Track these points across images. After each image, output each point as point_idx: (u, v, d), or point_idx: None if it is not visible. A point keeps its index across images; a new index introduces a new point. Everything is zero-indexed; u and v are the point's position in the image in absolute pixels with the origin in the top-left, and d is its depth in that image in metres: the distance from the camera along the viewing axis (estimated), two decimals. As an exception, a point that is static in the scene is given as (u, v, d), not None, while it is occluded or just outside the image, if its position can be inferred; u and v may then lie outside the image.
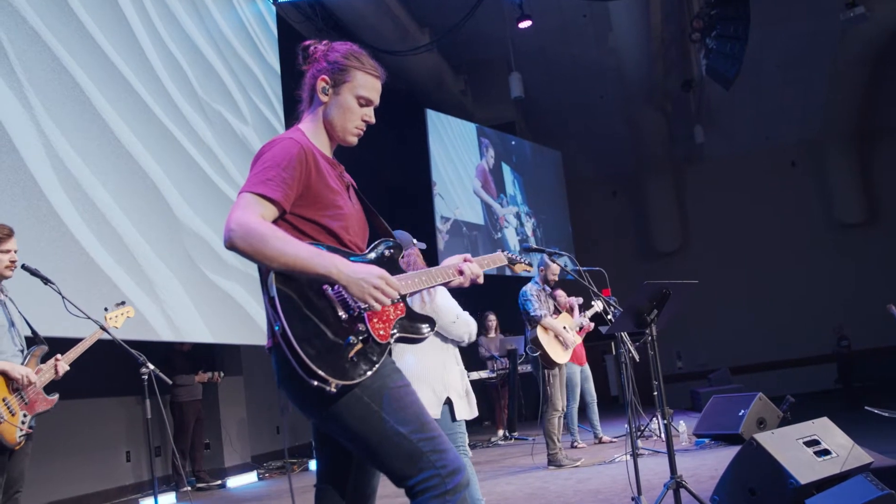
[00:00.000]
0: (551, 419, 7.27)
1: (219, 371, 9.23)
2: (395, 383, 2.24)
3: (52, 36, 6.58)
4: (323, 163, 2.33)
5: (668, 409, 4.79)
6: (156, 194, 7.61)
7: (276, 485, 8.69)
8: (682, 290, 4.29)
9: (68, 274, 6.07)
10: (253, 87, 9.74)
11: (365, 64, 2.41)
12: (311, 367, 2.03)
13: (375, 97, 2.43)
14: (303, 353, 2.03)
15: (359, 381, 2.13)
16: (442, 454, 2.17)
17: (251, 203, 2.15)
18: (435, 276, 2.50)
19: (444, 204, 13.85)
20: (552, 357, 7.27)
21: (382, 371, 2.21)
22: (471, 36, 13.73)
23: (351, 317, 2.17)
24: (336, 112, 2.39)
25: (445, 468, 2.15)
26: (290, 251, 2.10)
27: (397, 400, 2.20)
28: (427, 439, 2.17)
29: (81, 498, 7.68)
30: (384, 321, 2.26)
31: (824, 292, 18.64)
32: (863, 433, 4.94)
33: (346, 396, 2.15)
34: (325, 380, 2.04)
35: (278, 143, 2.27)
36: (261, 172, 2.20)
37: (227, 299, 8.39)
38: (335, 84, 2.38)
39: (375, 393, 2.18)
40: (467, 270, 2.56)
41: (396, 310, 2.31)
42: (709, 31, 12.42)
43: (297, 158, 2.22)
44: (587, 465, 7.12)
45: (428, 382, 3.92)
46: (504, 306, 10.56)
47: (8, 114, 5.96)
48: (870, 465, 4.06)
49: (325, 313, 2.14)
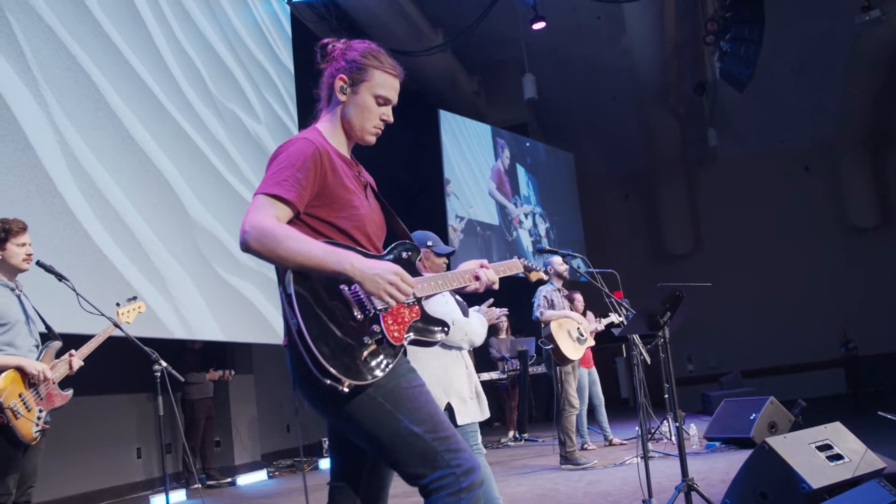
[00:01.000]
0: (569, 416, 7.23)
1: (230, 369, 9.27)
2: (410, 383, 2.24)
3: (68, 34, 6.62)
4: (339, 163, 2.33)
5: (679, 412, 4.79)
6: (169, 192, 7.64)
7: (285, 483, 8.71)
8: (695, 292, 4.27)
9: (82, 271, 6.10)
10: (266, 86, 9.76)
11: (384, 63, 2.40)
12: (324, 365, 2.03)
13: (394, 96, 2.42)
14: (317, 351, 2.03)
15: (371, 381, 2.13)
16: (456, 453, 2.17)
17: (265, 204, 2.15)
18: (451, 280, 2.51)
19: (459, 203, 13.85)
20: (564, 352, 7.25)
21: (397, 371, 2.21)
22: (484, 37, 13.73)
23: (366, 317, 2.17)
24: (354, 111, 2.38)
25: (460, 467, 2.15)
26: (304, 250, 2.10)
27: (411, 400, 2.20)
28: (441, 438, 2.17)
29: (92, 494, 7.71)
30: (399, 323, 2.26)
31: (836, 296, 18.55)
32: (876, 438, 4.91)
33: (360, 396, 2.15)
34: (339, 379, 2.05)
35: (293, 143, 2.27)
36: (275, 174, 2.20)
37: (239, 298, 8.41)
38: (353, 83, 2.37)
39: (389, 393, 2.18)
40: (483, 276, 2.57)
41: (412, 312, 2.31)
42: (723, 34, 12.40)
43: (311, 159, 2.22)
44: (598, 466, 7.11)
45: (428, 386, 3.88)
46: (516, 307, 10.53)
47: (24, 111, 6.00)
48: (882, 470, 4.04)
49: (341, 313, 2.15)
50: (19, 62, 6.03)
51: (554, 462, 7.56)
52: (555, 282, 7.53)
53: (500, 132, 15.78)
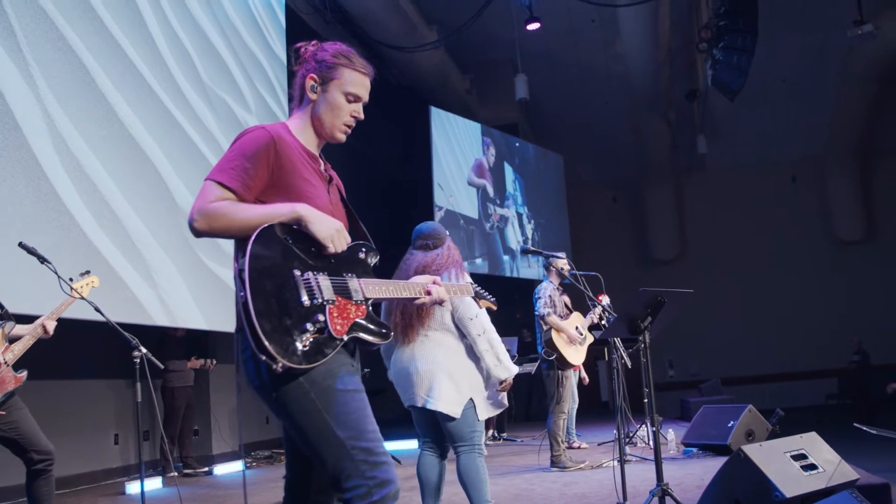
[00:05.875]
0: (557, 420, 7.22)
1: (211, 358, 9.24)
2: (346, 386, 2.25)
3: (60, 15, 6.58)
4: (300, 155, 2.38)
5: (657, 417, 4.81)
6: (157, 179, 7.61)
7: (262, 474, 8.69)
8: (677, 298, 4.29)
9: (66, 254, 6.08)
10: (258, 75, 9.74)
11: (354, 62, 2.45)
12: (263, 341, 2.05)
13: (364, 94, 2.48)
14: (259, 327, 2.05)
15: (306, 367, 2.14)
16: (374, 466, 2.18)
17: (209, 189, 2.23)
18: (403, 290, 2.56)
19: (443, 194, 13.85)
20: (567, 359, 7.23)
21: (333, 368, 2.23)
22: (478, 35, 13.73)
23: (313, 305, 2.19)
24: (325, 109, 2.44)
25: (374, 479, 2.17)
26: (256, 212, 2.21)
27: (342, 404, 2.21)
28: (361, 448, 2.18)
29: (68, 478, 7.67)
30: (344, 318, 2.27)
31: (818, 308, 18.70)
32: (852, 450, 4.95)
33: (294, 388, 2.18)
34: (274, 357, 2.06)
35: (249, 132, 2.33)
36: (225, 161, 2.28)
37: (222, 286, 8.39)
38: (323, 82, 2.43)
39: (322, 392, 2.20)
40: (434, 293, 2.63)
41: (358, 310, 2.33)
42: (716, 42, 12.43)
43: (263, 149, 2.28)
44: (586, 469, 7.06)
45: (454, 379, 3.93)
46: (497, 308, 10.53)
47: (12, 91, 5.96)
48: (855, 481, 4.07)
49: (289, 296, 2.17)
50: (9, 41, 5.99)
51: (531, 462, 7.57)
52: (553, 280, 7.50)
53: (489, 131, 15.78)
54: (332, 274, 2.30)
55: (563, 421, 7.30)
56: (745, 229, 19.43)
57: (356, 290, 2.34)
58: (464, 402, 3.96)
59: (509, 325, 13.90)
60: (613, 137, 18.79)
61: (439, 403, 3.89)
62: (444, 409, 3.89)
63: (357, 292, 2.34)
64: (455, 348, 3.99)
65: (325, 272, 2.28)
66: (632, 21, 13.30)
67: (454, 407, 3.92)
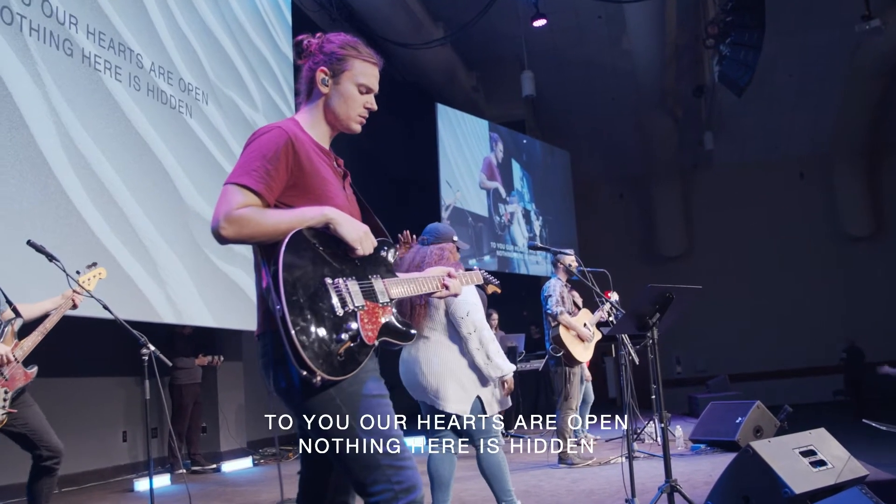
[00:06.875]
0: (565, 417, 7.21)
1: (219, 355, 9.25)
2: (371, 391, 2.24)
3: (67, 14, 6.59)
4: (315, 152, 2.35)
5: (665, 413, 4.80)
6: (164, 177, 7.62)
7: (270, 471, 8.71)
8: (686, 294, 4.28)
9: (73, 252, 6.08)
10: (265, 73, 9.73)
11: (362, 52, 2.43)
12: (302, 356, 2.03)
13: (375, 84, 2.45)
14: (298, 342, 2.03)
15: (342, 378, 2.13)
16: (399, 470, 2.17)
17: (233, 193, 2.18)
18: (422, 286, 2.55)
19: (451, 191, 13.85)
20: (575, 356, 7.22)
21: (361, 375, 2.21)
22: (485, 32, 13.71)
23: (346, 313, 2.18)
24: (338, 101, 2.41)
25: (401, 484, 2.16)
26: (284, 217, 2.18)
27: (368, 409, 2.21)
28: (388, 453, 2.17)
29: (77, 476, 7.70)
30: (373, 323, 2.26)
31: (825, 304, 18.63)
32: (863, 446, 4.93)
33: (322, 395, 2.17)
34: (313, 371, 2.05)
35: (265, 132, 2.29)
36: (245, 163, 2.22)
37: (230, 284, 8.40)
38: (334, 74, 2.39)
39: (348, 398, 2.19)
40: (451, 286, 2.62)
41: (385, 312, 2.32)
42: (723, 38, 12.38)
43: (283, 149, 2.23)
44: (594, 465, 7.07)
45: (459, 380, 4.00)
46: (505, 304, 10.55)
47: (20, 91, 5.97)
48: (865, 477, 4.06)
49: (322, 306, 2.14)
50: (17, 41, 6.00)
51: (540, 459, 7.57)
52: (561, 276, 7.47)
53: (497, 128, 15.76)
54: (359, 277, 2.29)
55: (569, 417, 7.29)
56: (752, 226, 19.36)
57: (382, 292, 2.33)
58: (471, 400, 4.02)
59: (517, 322, 13.90)
60: (620, 134, 18.74)
61: (448, 405, 4.02)
62: (453, 410, 3.98)
63: (383, 294, 2.33)
64: (455, 347, 4.07)
65: (353, 276, 2.26)
66: (638, 17, 13.27)
67: (462, 406, 4.01)
